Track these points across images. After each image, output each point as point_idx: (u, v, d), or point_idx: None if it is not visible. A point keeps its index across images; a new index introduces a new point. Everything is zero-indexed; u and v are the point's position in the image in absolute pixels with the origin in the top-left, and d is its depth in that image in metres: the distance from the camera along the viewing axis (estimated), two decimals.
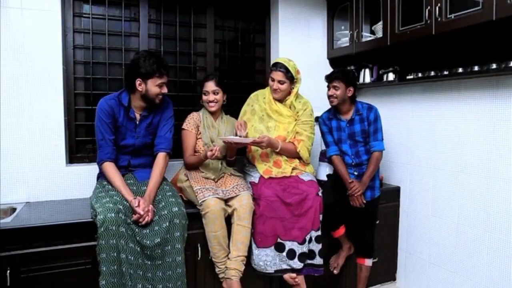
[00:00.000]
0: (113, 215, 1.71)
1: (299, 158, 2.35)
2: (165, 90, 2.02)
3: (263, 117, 2.35)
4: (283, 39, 2.86)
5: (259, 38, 3.00)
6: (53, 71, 2.26)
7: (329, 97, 2.30)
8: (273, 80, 2.30)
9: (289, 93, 2.35)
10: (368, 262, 2.39)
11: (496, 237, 2.04)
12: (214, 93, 2.28)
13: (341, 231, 2.32)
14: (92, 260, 1.83)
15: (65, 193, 2.31)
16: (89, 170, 2.33)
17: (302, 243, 2.11)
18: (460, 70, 2.09)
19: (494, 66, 1.92)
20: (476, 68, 2.01)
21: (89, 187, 2.24)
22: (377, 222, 2.48)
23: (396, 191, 2.70)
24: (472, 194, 2.17)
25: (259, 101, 2.39)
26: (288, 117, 2.33)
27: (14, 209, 2.07)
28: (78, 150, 2.46)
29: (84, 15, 2.44)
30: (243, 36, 2.94)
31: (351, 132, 2.33)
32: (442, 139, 2.36)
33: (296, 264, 2.10)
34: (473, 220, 2.17)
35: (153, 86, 1.97)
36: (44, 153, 2.25)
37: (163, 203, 1.93)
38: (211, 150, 2.07)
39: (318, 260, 2.17)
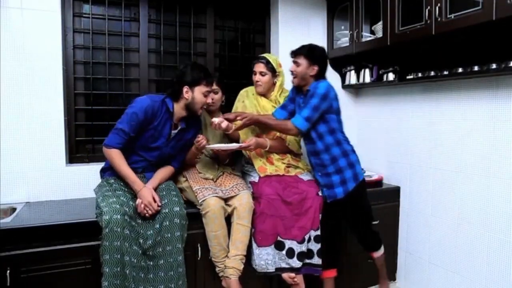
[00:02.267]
0: (118, 216, 1.71)
1: (291, 152, 2.34)
2: (209, 100, 2.09)
3: (253, 113, 2.35)
4: (283, 39, 2.86)
5: (259, 38, 3.00)
6: (53, 71, 2.26)
7: (291, 74, 2.19)
8: (255, 73, 2.34)
9: (271, 88, 2.36)
10: (377, 253, 2.35)
11: (496, 237, 2.04)
12: (215, 92, 2.28)
13: (332, 273, 2.23)
14: (92, 260, 1.83)
15: (65, 193, 2.31)
16: (89, 170, 2.33)
17: (301, 242, 2.11)
18: (460, 70, 2.09)
19: (494, 66, 1.92)
20: (476, 68, 2.00)
21: (89, 187, 2.24)
22: (377, 222, 2.48)
23: (396, 191, 2.70)
24: (472, 194, 2.17)
25: (249, 97, 2.41)
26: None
27: (14, 209, 2.07)
28: (78, 150, 2.46)
29: (84, 15, 2.44)
30: (243, 36, 2.94)
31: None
32: (442, 139, 2.36)
33: (295, 263, 2.10)
34: (473, 220, 2.17)
35: (200, 94, 2.02)
36: (44, 153, 2.25)
37: (166, 201, 1.94)
38: (197, 142, 2.11)
39: (316, 260, 2.16)
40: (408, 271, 2.67)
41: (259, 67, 2.32)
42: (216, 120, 2.10)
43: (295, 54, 2.17)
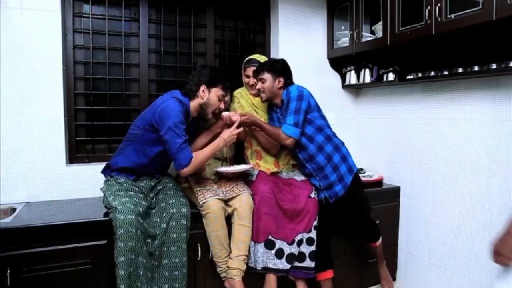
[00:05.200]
0: (133, 217, 1.71)
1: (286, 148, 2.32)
2: (223, 105, 2.06)
3: (251, 112, 2.35)
4: (283, 39, 2.86)
5: (259, 38, 3.00)
6: (53, 71, 2.25)
7: (258, 92, 2.21)
8: (248, 76, 2.33)
9: None
10: (378, 242, 2.39)
11: None
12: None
13: (328, 274, 2.22)
14: (92, 260, 1.84)
15: (65, 193, 2.31)
16: (89, 170, 2.33)
17: (291, 243, 2.10)
18: (460, 70, 2.09)
19: (494, 66, 1.92)
20: (476, 68, 2.00)
21: (89, 187, 2.25)
22: (377, 222, 2.48)
23: (396, 191, 2.70)
24: (472, 194, 2.17)
25: (243, 97, 2.39)
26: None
27: (14, 209, 2.07)
28: (78, 150, 2.46)
29: (84, 15, 2.44)
30: (243, 36, 2.94)
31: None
32: (442, 139, 2.36)
33: (283, 264, 2.09)
34: (473, 220, 2.17)
35: (215, 96, 2.00)
36: (44, 153, 2.25)
37: (174, 200, 1.95)
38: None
39: (308, 263, 2.13)
40: (408, 271, 2.67)
41: (253, 71, 2.30)
42: (226, 113, 2.08)
43: (257, 72, 2.20)
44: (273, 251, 2.09)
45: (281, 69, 2.18)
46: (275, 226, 2.10)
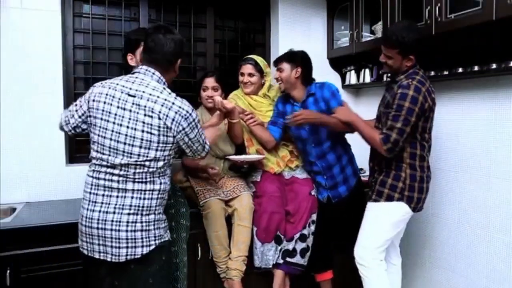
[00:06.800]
0: None
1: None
2: None
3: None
4: (283, 39, 2.86)
5: (259, 38, 3.00)
6: (53, 71, 2.26)
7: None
8: (242, 74, 2.32)
9: (260, 88, 2.36)
10: None
11: (496, 237, 2.04)
12: (214, 89, 2.26)
13: (327, 275, 2.23)
14: None
15: (65, 193, 2.31)
16: None
17: (289, 240, 2.13)
18: (460, 70, 2.08)
19: (494, 66, 1.91)
20: (476, 68, 2.00)
21: None
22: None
23: None
24: (472, 194, 2.17)
25: (240, 98, 2.38)
26: (267, 106, 2.37)
27: (14, 209, 2.07)
28: (78, 150, 2.46)
29: (84, 15, 2.45)
30: (243, 36, 2.94)
31: None
32: (442, 139, 2.36)
33: (279, 258, 2.13)
34: (473, 220, 2.17)
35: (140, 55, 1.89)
36: (44, 153, 2.25)
37: (172, 201, 1.94)
38: (213, 169, 2.11)
39: (297, 259, 2.15)
40: (408, 271, 2.67)
41: (248, 68, 2.30)
42: (218, 98, 1.98)
43: (276, 62, 2.20)
44: (280, 247, 2.13)
45: (299, 59, 2.17)
46: (282, 223, 2.14)
